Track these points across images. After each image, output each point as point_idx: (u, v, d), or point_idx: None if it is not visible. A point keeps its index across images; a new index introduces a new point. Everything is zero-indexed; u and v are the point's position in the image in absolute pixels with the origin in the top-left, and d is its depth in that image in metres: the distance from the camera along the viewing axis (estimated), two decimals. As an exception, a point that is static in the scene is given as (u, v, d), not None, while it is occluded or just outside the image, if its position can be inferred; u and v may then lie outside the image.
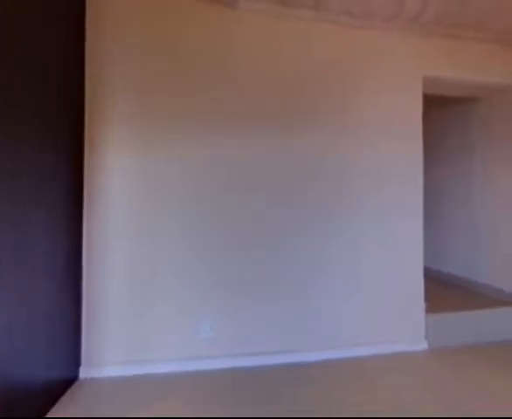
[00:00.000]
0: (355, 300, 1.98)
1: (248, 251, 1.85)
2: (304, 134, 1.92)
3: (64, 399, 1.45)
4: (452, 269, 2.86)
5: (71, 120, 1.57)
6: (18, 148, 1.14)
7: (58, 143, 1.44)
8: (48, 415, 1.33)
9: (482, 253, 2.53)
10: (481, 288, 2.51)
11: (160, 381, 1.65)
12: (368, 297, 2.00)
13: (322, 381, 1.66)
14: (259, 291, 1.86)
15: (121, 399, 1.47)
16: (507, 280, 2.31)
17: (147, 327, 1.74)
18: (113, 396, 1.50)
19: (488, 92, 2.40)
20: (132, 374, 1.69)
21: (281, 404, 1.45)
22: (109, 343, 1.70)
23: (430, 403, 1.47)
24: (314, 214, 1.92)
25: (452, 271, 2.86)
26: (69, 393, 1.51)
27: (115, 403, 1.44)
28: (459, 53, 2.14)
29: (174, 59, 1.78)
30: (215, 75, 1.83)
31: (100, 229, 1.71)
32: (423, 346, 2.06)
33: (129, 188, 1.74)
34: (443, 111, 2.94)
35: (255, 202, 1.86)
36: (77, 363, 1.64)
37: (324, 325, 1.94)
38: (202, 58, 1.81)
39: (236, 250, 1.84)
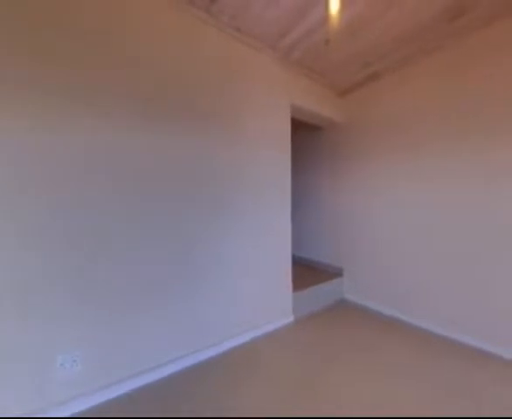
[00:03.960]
0: (237, 292, 2.17)
1: (116, 253, 1.57)
2: (188, 134, 1.89)
3: None
4: (308, 254, 3.76)
5: None
6: None
7: None
8: None
9: (325, 241, 3.49)
10: (325, 266, 3.47)
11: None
12: (248, 287, 2.25)
13: (219, 374, 1.72)
14: (134, 300, 1.65)
15: None
16: (340, 259, 3.31)
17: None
18: None
19: (329, 124, 3.34)
20: None
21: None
22: None
23: (300, 358, 1.88)
24: (194, 213, 1.92)
25: (308, 256, 3.75)
26: None
27: None
28: (311, 92, 2.84)
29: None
30: (85, 53, 1.45)
31: None
32: (291, 319, 2.57)
33: None
34: (306, 133, 3.81)
35: (125, 199, 1.63)
36: None
37: (209, 321, 2.00)
38: (75, 29, 1.39)
39: (99, 254, 1.52)
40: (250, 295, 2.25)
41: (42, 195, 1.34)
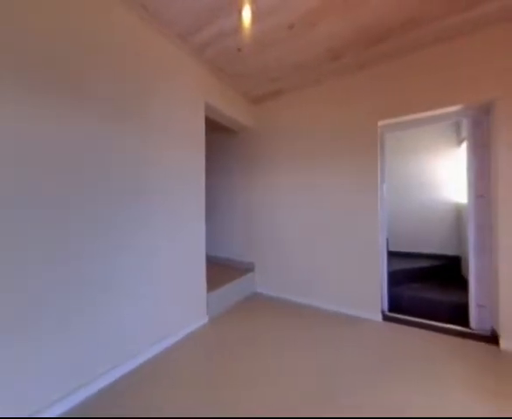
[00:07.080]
0: (148, 301, 1.98)
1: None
2: (72, 119, 1.58)
3: None
4: (222, 253, 3.83)
5: None
6: None
7: None
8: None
9: (238, 239, 3.65)
10: (238, 264, 3.63)
11: None
12: (161, 294, 2.09)
13: (127, 392, 1.51)
14: (16, 326, 1.25)
15: None
16: (252, 255, 3.53)
17: None
18: None
19: (242, 128, 3.50)
20: None
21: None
22: None
23: (210, 358, 1.90)
24: (84, 213, 1.63)
25: (222, 255, 3.82)
26: None
27: None
28: (225, 94, 2.91)
29: None
30: None
31: None
32: (205, 320, 2.55)
33: None
34: (221, 135, 3.84)
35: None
36: None
37: (108, 339, 1.74)
38: None
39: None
40: (160, 303, 2.07)
41: None
